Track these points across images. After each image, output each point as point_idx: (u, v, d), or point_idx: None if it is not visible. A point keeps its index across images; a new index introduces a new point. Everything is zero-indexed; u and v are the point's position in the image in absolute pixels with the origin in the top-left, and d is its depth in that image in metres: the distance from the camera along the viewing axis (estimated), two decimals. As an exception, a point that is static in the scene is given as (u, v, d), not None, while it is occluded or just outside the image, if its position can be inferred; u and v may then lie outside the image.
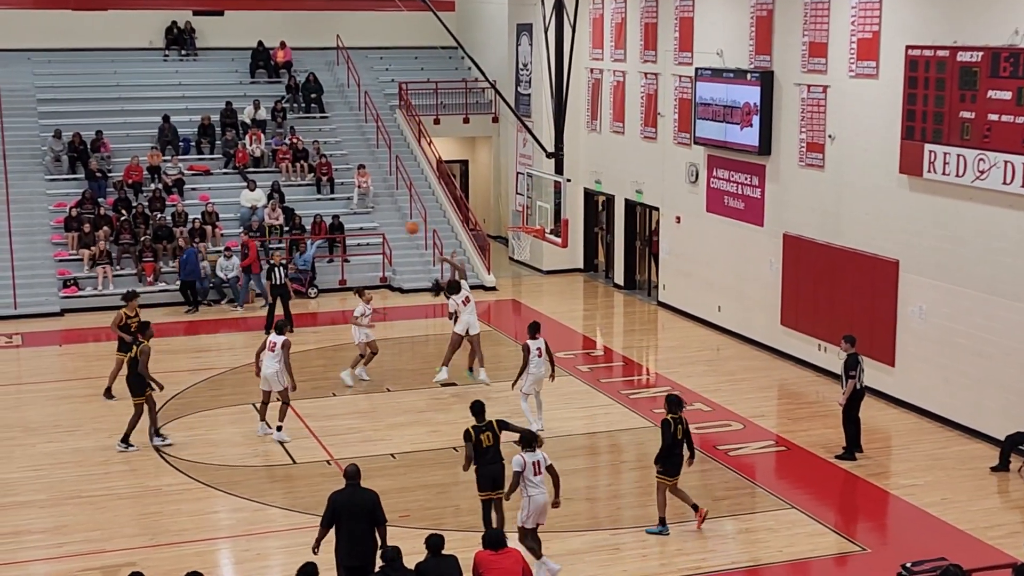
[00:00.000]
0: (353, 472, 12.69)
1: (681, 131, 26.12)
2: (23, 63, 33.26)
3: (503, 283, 29.85)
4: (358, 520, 12.41)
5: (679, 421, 15.11)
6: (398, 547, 11.69)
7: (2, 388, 21.46)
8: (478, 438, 14.42)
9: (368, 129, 33.38)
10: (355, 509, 12.45)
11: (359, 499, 12.54)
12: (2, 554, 14.57)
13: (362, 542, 12.43)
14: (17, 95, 32.09)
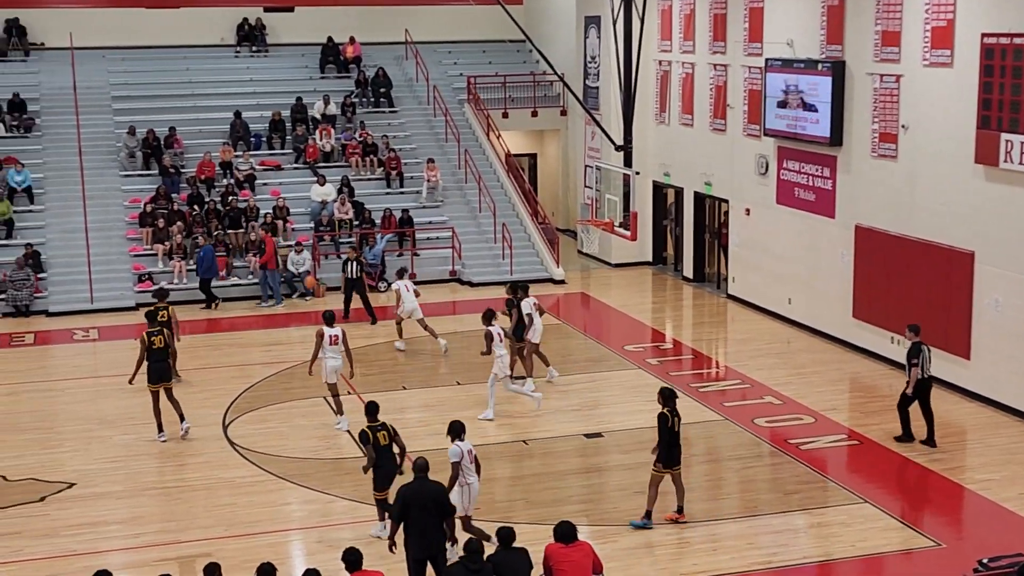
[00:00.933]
0: (423, 465, 12.81)
1: (751, 122, 25.92)
2: (98, 61, 33.77)
3: (572, 276, 29.81)
4: (427, 512, 12.53)
5: (675, 414, 15.11)
6: (480, 540, 11.74)
7: (79, 381, 21.82)
8: (375, 437, 14.47)
9: (437, 123, 33.49)
10: (424, 501, 12.56)
11: (428, 491, 12.65)
12: (81, 544, 14.83)
13: (431, 534, 12.56)
14: (93, 93, 32.59)
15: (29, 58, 34.02)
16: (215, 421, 19.21)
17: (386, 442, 14.62)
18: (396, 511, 12.68)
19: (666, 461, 15.12)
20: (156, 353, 18.33)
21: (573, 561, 11.75)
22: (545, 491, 16.35)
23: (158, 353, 18.35)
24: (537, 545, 12.39)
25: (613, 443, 18.26)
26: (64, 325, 25.75)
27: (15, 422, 19.50)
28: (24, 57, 34.03)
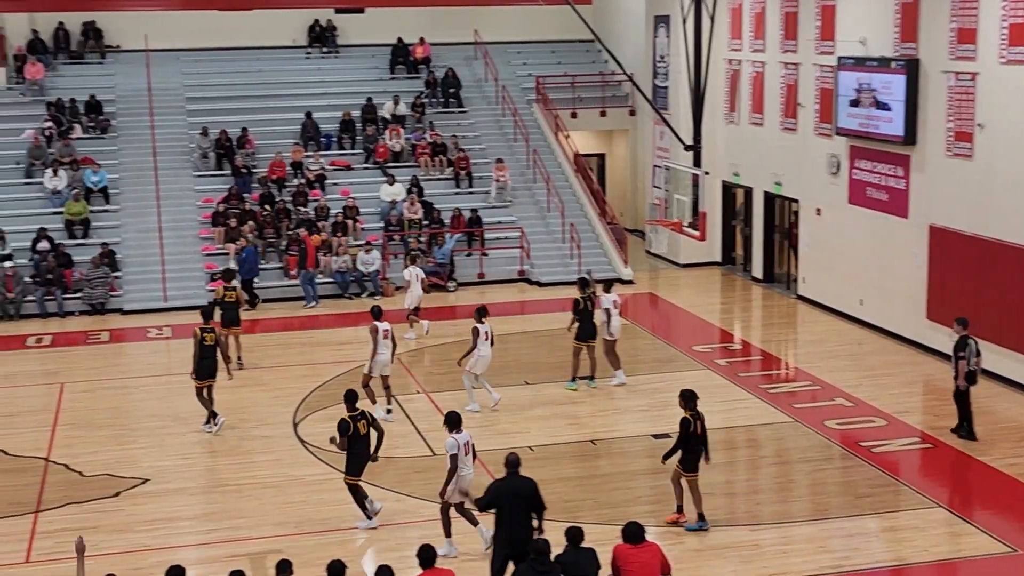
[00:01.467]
0: (514, 460, 13.00)
1: (822, 122, 25.69)
2: (173, 63, 34.25)
3: (640, 276, 29.74)
4: (519, 508, 12.67)
5: (697, 417, 14.99)
6: (548, 540, 11.76)
7: (153, 379, 22.14)
8: (355, 426, 14.98)
9: (506, 123, 33.56)
10: (517, 497, 12.71)
11: (520, 487, 12.80)
12: (154, 539, 15.05)
13: (522, 530, 12.65)
14: (167, 94, 33.07)
15: (105, 60, 34.59)
16: (286, 419, 19.40)
17: (365, 431, 15.12)
18: (484, 502, 12.88)
19: (688, 464, 15.04)
20: (206, 350, 18.69)
21: (641, 562, 11.72)
22: (613, 491, 16.33)
23: (208, 350, 18.70)
24: (605, 545, 12.37)
25: (682, 444, 18.14)
26: (138, 323, 26.14)
27: (91, 418, 19.84)
28: (101, 59, 34.61)
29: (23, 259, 27.43)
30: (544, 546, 11.63)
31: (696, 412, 15.06)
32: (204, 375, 18.77)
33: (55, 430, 19.18)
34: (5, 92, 32.56)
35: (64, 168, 29.60)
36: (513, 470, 12.96)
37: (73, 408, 20.33)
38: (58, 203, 29.07)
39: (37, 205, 29.40)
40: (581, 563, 11.80)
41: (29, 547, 14.86)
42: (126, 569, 13.63)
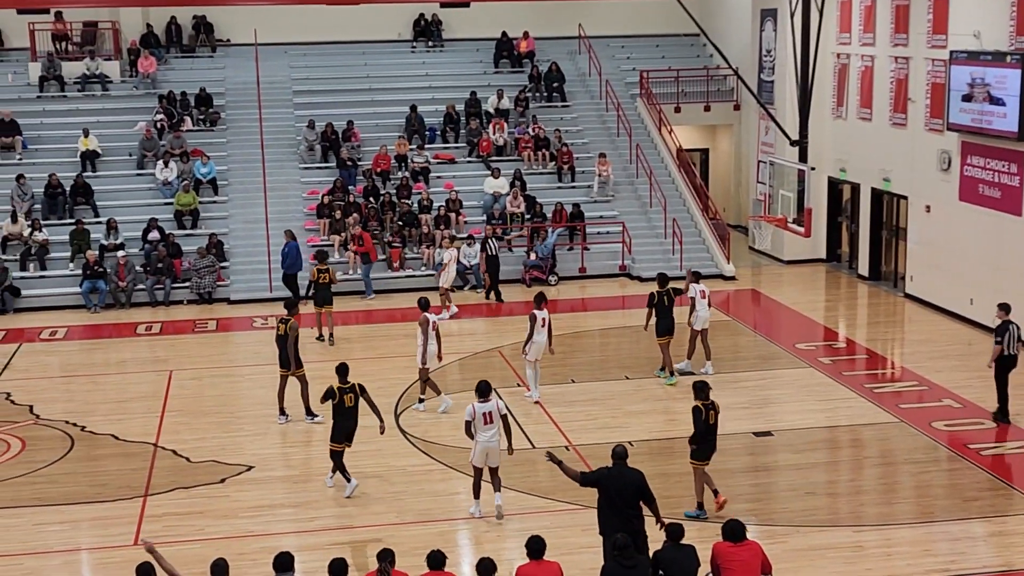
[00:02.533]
0: (621, 452, 13.06)
1: (933, 117, 25.19)
2: (280, 56, 34.74)
3: (742, 273, 29.47)
4: (626, 498, 12.71)
5: (711, 407, 14.98)
6: (628, 536, 11.73)
7: (259, 368, 22.49)
8: (341, 397, 15.92)
9: (609, 118, 33.47)
10: (623, 487, 12.75)
11: (628, 478, 12.84)
12: (258, 525, 15.31)
13: (630, 521, 12.67)
14: (275, 87, 33.55)
15: (216, 54, 35.22)
16: (387, 410, 19.55)
17: (351, 404, 16.05)
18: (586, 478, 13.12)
19: (703, 453, 15.16)
20: (280, 340, 19.16)
21: (742, 560, 11.64)
22: (714, 489, 16.20)
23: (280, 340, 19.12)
24: (705, 543, 12.32)
25: (783, 442, 18.01)
26: (244, 312, 26.59)
27: (198, 406, 20.24)
28: (211, 53, 35.25)
29: (134, 248, 28.06)
30: (626, 542, 11.61)
31: (710, 402, 15.03)
32: (280, 365, 19.14)
33: (163, 416, 19.61)
34: (119, 85, 33.33)
35: (175, 160, 30.21)
36: (620, 461, 13.01)
37: (181, 395, 20.75)
38: (168, 194, 29.70)
39: (148, 196, 30.07)
40: (681, 560, 11.77)
41: (138, 530, 15.20)
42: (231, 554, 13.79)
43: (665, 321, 20.73)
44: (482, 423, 15.17)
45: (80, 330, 25.53)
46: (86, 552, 14.86)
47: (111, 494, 16.38)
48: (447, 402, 19.44)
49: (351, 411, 16.10)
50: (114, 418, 19.54)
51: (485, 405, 15.24)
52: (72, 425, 19.20)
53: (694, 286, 21.19)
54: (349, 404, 16.06)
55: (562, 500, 15.81)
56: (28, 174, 29.43)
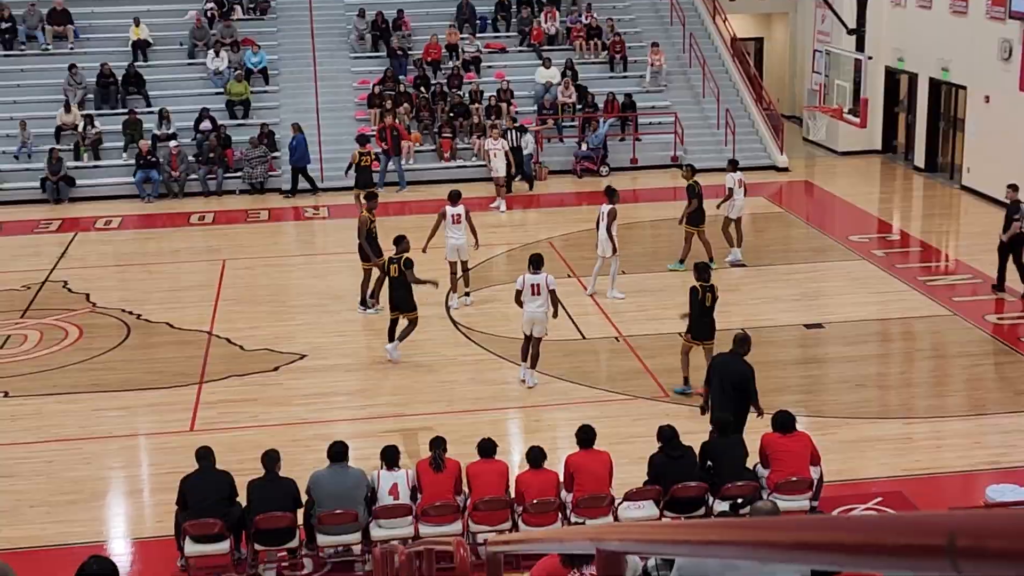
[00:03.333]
0: (742, 339, 13.18)
1: (995, 5, 24.56)
2: (330, -56, 34.32)
3: (796, 164, 29.14)
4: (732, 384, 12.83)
5: (708, 289, 14.98)
6: (673, 426, 11.82)
7: (310, 257, 22.67)
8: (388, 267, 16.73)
9: (662, 5, 32.92)
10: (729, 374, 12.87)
11: (735, 367, 12.94)
12: (312, 412, 15.55)
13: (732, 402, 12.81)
14: (324, -25, 33.23)
15: (264, -59, 34.84)
16: (439, 300, 19.68)
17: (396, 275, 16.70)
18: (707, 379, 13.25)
19: (695, 333, 15.17)
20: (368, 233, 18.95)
21: (791, 451, 11.71)
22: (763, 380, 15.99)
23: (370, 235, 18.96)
24: (753, 434, 12.38)
25: (835, 334, 17.96)
26: (296, 203, 26.68)
27: (251, 295, 20.45)
28: (260, -60, 34.87)
29: (186, 138, 28.15)
30: (672, 432, 11.70)
31: (709, 284, 15.09)
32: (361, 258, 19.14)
33: (217, 305, 19.84)
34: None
35: (225, 49, 30.13)
36: (736, 348, 13.09)
37: (234, 284, 20.96)
38: (219, 83, 29.68)
39: (200, 85, 30.08)
40: (729, 450, 11.86)
41: (194, 416, 15.49)
42: (285, 440, 14.11)
43: (697, 213, 20.49)
44: (529, 293, 15.68)
45: (134, 219, 25.77)
46: (143, 437, 15.18)
47: (167, 381, 16.67)
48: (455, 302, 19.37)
49: (395, 280, 16.68)
50: (168, 306, 19.81)
51: (535, 277, 15.76)
52: (128, 313, 19.48)
53: (732, 175, 21.02)
54: (394, 275, 16.63)
55: (612, 390, 15.92)
56: (80, 63, 29.48)
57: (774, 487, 11.67)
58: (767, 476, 11.80)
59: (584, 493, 11.43)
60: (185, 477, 11.51)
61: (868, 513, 12.32)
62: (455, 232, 19.22)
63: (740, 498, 11.53)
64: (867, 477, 13.51)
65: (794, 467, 11.69)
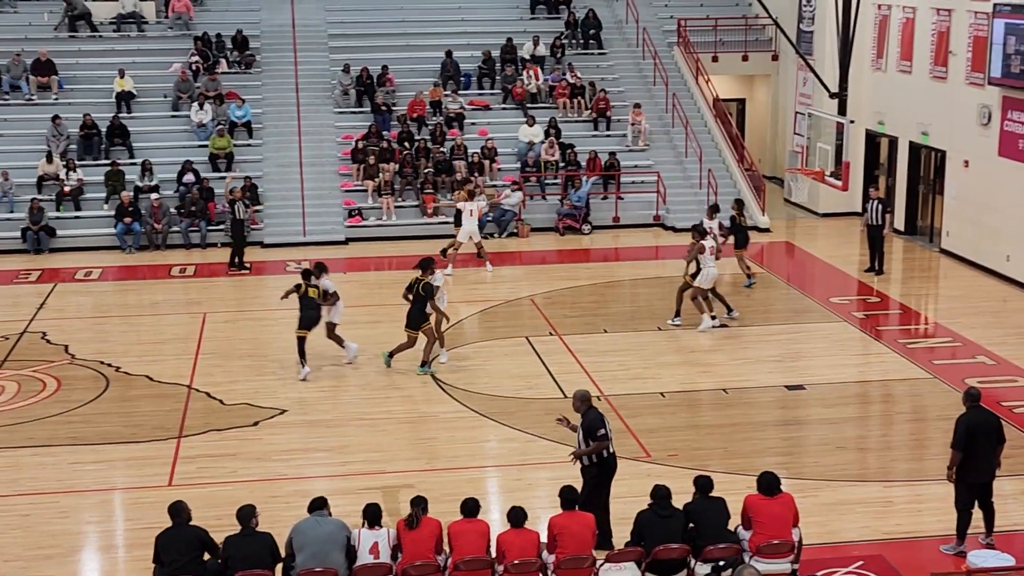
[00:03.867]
0: (975, 395, 13.10)
1: (974, 71, 24.86)
2: (316, 0, 34.57)
3: (777, 225, 29.31)
4: (988, 439, 12.82)
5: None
6: (667, 486, 11.79)
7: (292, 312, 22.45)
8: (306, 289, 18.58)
9: (645, 66, 33.20)
10: (987, 430, 12.85)
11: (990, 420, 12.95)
12: (291, 468, 15.45)
13: (988, 460, 12.88)
14: (310, 31, 33.44)
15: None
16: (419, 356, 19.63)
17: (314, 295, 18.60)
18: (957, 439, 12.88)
19: None
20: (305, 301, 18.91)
21: (773, 514, 11.68)
22: (744, 441, 16.23)
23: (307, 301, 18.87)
24: (734, 495, 12.35)
25: (815, 396, 17.98)
26: (278, 256, 26.65)
27: (232, 348, 20.36)
28: (247, -5, 35.12)
29: (169, 191, 28.15)
30: (665, 492, 11.68)
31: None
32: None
33: (197, 358, 19.75)
34: (155, 26, 33.29)
35: (210, 102, 30.20)
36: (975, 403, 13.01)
37: (215, 338, 20.88)
38: (203, 136, 29.73)
39: (183, 138, 30.11)
40: (710, 512, 11.80)
41: (172, 471, 15.37)
42: (264, 496, 14.00)
43: None
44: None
45: (114, 271, 25.70)
46: (120, 491, 15.03)
47: (145, 435, 16.55)
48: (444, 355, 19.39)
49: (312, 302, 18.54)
50: (148, 359, 19.71)
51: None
52: (107, 365, 19.37)
53: (709, 222, 21.32)
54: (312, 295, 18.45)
55: (593, 450, 15.85)
56: (63, 114, 29.50)
57: (756, 550, 11.62)
58: (749, 538, 11.75)
59: (566, 554, 11.37)
60: (160, 534, 11.40)
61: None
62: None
63: (722, 560, 11.48)
64: (848, 540, 13.47)
65: (776, 530, 11.65)
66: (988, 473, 12.92)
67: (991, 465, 12.93)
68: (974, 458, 12.79)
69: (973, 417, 12.88)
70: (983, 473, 12.88)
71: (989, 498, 13.05)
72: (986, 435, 12.82)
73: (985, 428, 12.84)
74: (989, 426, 12.88)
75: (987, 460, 12.87)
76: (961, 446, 12.77)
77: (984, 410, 13.07)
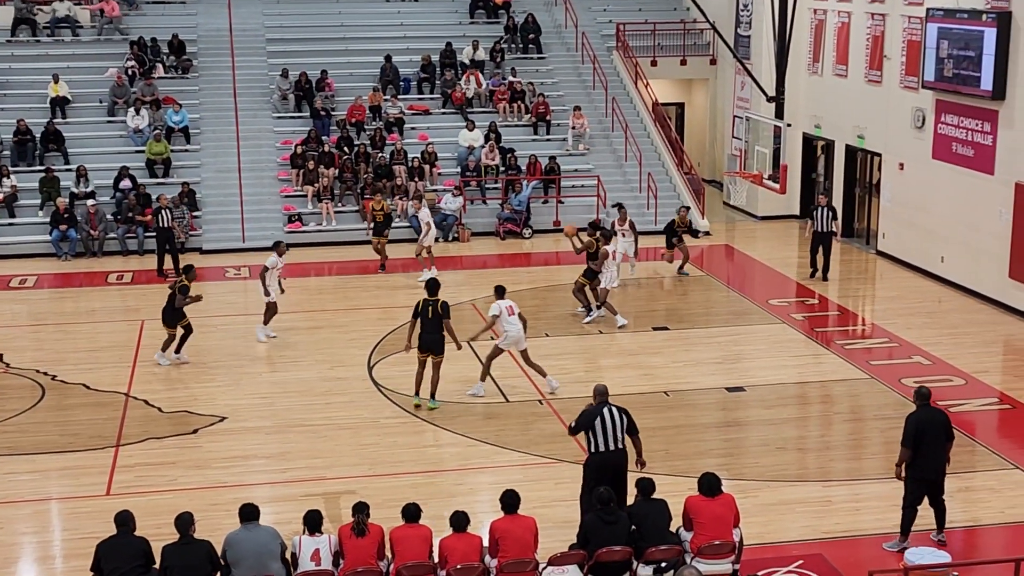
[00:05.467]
0: (925, 393, 13.18)
1: (908, 75, 25.20)
2: (254, 4, 34.39)
3: (716, 228, 29.51)
4: (937, 436, 12.95)
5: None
6: (611, 490, 11.81)
7: (231, 318, 22.42)
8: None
9: (585, 70, 33.32)
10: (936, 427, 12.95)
11: (938, 418, 13.06)
12: (231, 476, 15.30)
13: (937, 456, 13.02)
14: (248, 35, 33.23)
15: (188, 1, 34.77)
16: (360, 362, 19.57)
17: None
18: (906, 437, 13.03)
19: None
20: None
21: (714, 514, 11.74)
22: (685, 443, 16.31)
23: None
24: (676, 497, 12.41)
25: (755, 397, 18.11)
26: (217, 263, 26.43)
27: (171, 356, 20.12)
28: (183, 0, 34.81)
29: (105, 197, 27.84)
30: (608, 496, 11.70)
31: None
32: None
33: (135, 366, 19.53)
34: (90, 30, 32.89)
35: (146, 107, 29.90)
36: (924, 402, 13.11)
37: (153, 345, 20.60)
38: (140, 142, 29.43)
39: (119, 144, 29.78)
40: (652, 514, 11.84)
41: (110, 480, 15.18)
42: (204, 504, 13.88)
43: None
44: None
45: (50, 278, 25.36)
46: (56, 502, 14.82)
47: (82, 444, 16.34)
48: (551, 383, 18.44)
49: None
50: (85, 367, 19.46)
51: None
52: (43, 374, 19.10)
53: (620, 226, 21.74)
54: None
55: (535, 454, 15.89)
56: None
57: (697, 551, 11.67)
58: (690, 539, 11.81)
59: (509, 558, 11.36)
60: (101, 542, 11.25)
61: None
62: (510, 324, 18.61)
63: (664, 562, 11.52)
64: (788, 540, 13.57)
65: (718, 530, 11.71)
66: (938, 470, 13.06)
67: (941, 462, 13.07)
68: (923, 455, 12.94)
69: (922, 415, 13.03)
70: (932, 470, 13.02)
71: (940, 496, 13.20)
72: (935, 433, 12.95)
73: (934, 426, 12.98)
74: (938, 424, 13.03)
75: (936, 457, 13.01)
76: (910, 443, 12.91)
77: (933, 408, 13.22)
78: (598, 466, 13.05)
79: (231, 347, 20.65)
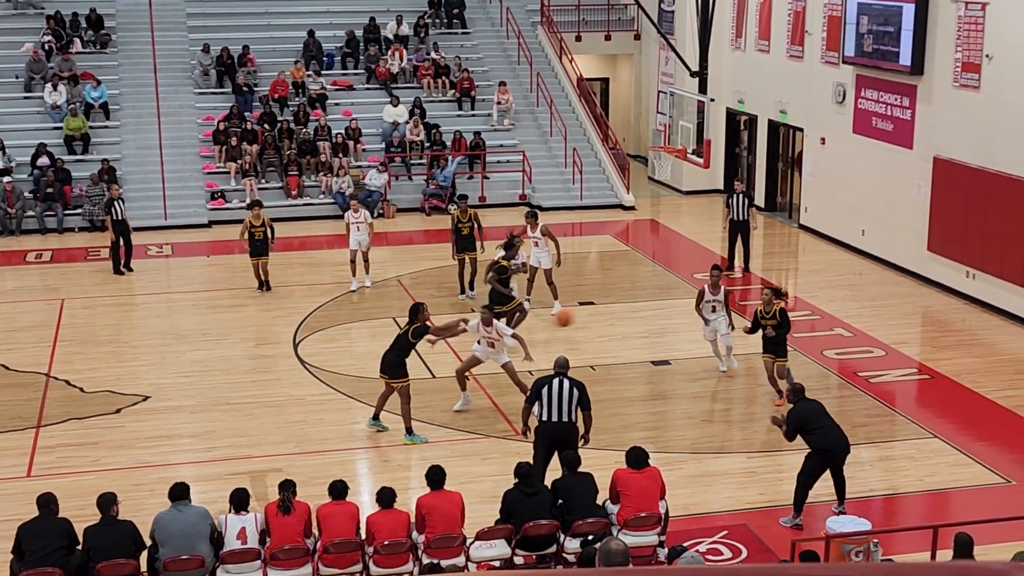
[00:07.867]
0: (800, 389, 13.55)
1: (829, 50, 25.46)
2: (173, -22, 33.82)
3: (642, 203, 29.65)
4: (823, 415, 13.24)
5: None
6: (528, 463, 11.87)
7: (154, 296, 22.18)
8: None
9: (509, 46, 33.26)
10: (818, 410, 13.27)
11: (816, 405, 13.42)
12: (156, 455, 15.16)
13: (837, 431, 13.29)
14: (168, 9, 32.66)
15: (105, -26, 34.14)
16: (286, 339, 19.45)
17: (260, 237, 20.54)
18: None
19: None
20: None
21: (641, 487, 11.84)
22: (611, 417, 16.39)
23: None
24: (602, 471, 12.50)
25: (680, 371, 18.28)
26: (138, 241, 25.97)
27: (92, 335, 19.89)
28: (100, -27, 34.14)
29: (23, 174, 27.33)
30: (527, 469, 11.77)
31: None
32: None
33: (55, 346, 19.24)
34: (3, 5, 32.19)
35: (64, 83, 29.37)
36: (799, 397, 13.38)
37: (73, 324, 20.37)
38: (57, 118, 28.90)
39: (36, 120, 29.22)
40: (578, 487, 11.92)
41: (31, 462, 14.97)
42: (128, 484, 13.73)
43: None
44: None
45: (-33, 258, 24.89)
46: (-23, 484, 14.58)
47: (2, 425, 16.09)
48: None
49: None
50: (4, 347, 19.14)
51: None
52: (-40, 355, 18.77)
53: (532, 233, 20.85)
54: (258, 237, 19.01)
55: (462, 429, 15.91)
56: (-91, 96, 28.41)
57: (624, 523, 11.77)
58: (617, 512, 11.90)
59: (436, 533, 11.37)
60: (23, 524, 11.10)
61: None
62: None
63: (591, 535, 11.61)
64: (713, 511, 13.74)
65: (644, 503, 11.82)
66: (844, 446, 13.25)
67: (843, 437, 13.25)
68: (823, 433, 13.15)
69: (800, 408, 13.30)
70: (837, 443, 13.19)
71: (841, 468, 13.39)
72: (819, 414, 13.23)
73: (816, 410, 13.27)
74: (818, 409, 13.31)
75: (836, 432, 13.21)
76: (792, 438, 13.29)
77: (809, 400, 13.47)
78: (543, 434, 13.20)
79: (154, 325, 20.42)
